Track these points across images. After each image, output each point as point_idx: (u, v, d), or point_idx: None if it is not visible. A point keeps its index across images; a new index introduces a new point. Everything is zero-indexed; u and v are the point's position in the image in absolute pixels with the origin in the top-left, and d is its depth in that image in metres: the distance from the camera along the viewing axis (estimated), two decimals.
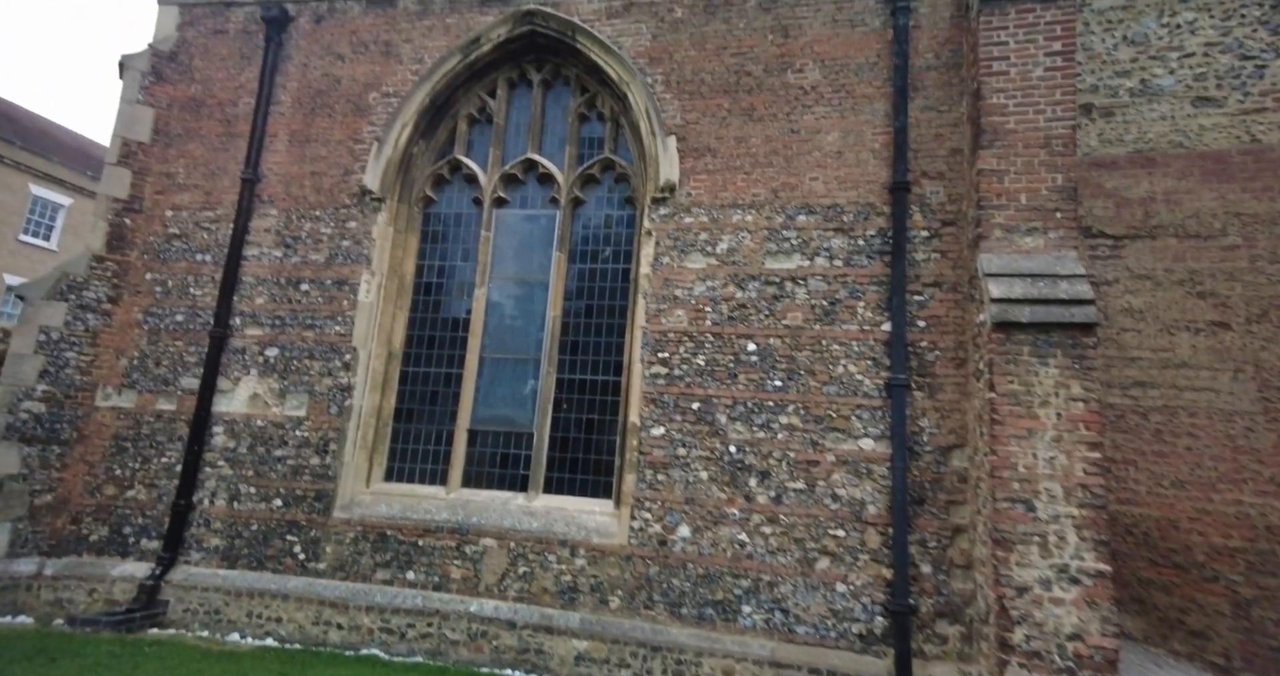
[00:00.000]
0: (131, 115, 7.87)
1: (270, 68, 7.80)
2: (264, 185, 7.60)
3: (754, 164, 6.25)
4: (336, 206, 7.39)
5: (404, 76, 7.50)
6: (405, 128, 7.37)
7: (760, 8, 6.44)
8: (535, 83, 7.50)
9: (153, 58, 8.08)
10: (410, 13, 7.64)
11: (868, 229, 5.88)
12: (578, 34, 7.02)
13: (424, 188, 7.61)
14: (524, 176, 7.46)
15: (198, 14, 8.29)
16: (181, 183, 7.80)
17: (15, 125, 22.25)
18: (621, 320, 6.88)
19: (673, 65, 6.66)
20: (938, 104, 5.78)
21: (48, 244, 21.63)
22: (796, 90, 6.22)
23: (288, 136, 7.68)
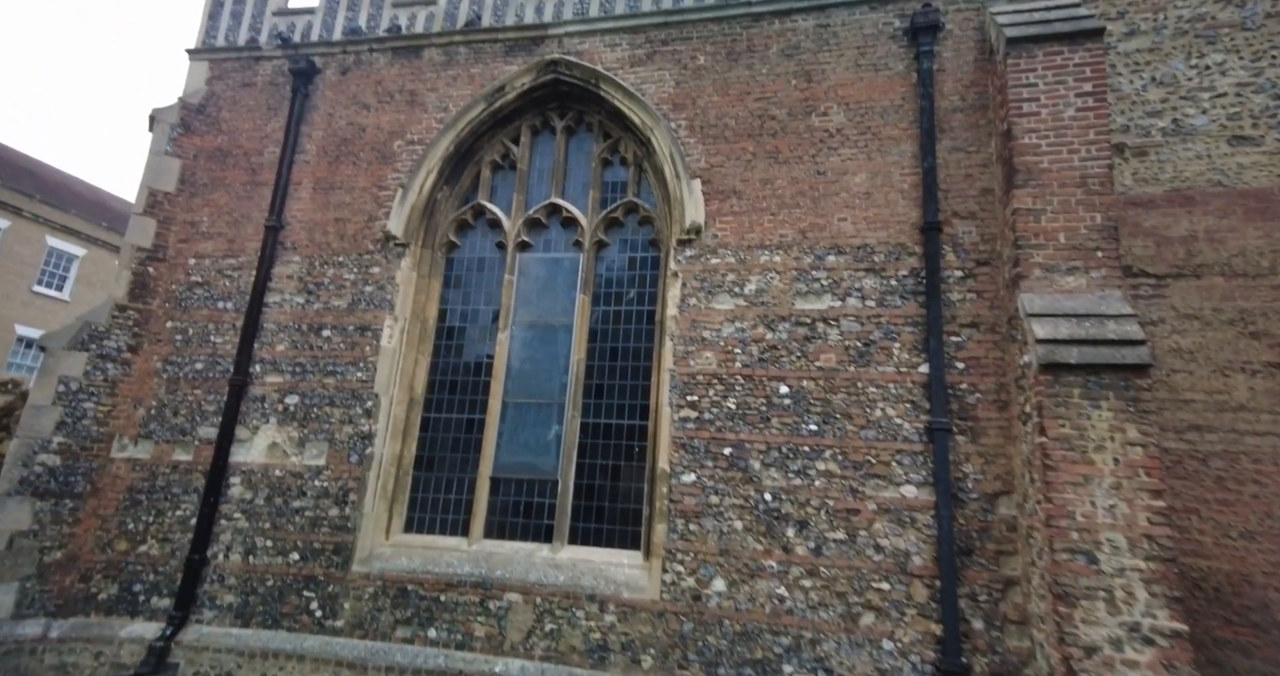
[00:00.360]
0: (159, 166, 8.01)
1: (297, 117, 7.97)
2: (287, 232, 7.66)
3: (780, 205, 6.26)
4: (360, 252, 7.43)
5: (429, 124, 7.64)
6: (430, 174, 7.46)
7: (783, 54, 6.57)
8: (558, 129, 7.62)
9: (182, 111, 8.28)
10: (435, 63, 7.84)
11: (900, 269, 5.84)
12: (601, 82, 7.16)
13: (447, 233, 7.65)
14: (547, 220, 7.50)
15: (227, 68, 8.54)
16: (205, 231, 7.87)
17: (35, 178, 22.80)
18: (647, 363, 6.79)
19: (696, 110, 6.76)
20: (966, 145, 5.81)
21: (60, 294, 21.82)
22: (821, 133, 6.28)
23: (312, 184, 7.78)
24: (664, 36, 7.06)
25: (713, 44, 6.85)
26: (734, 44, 6.77)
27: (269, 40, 8.47)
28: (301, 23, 8.48)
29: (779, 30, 6.63)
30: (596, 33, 7.31)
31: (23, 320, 20.76)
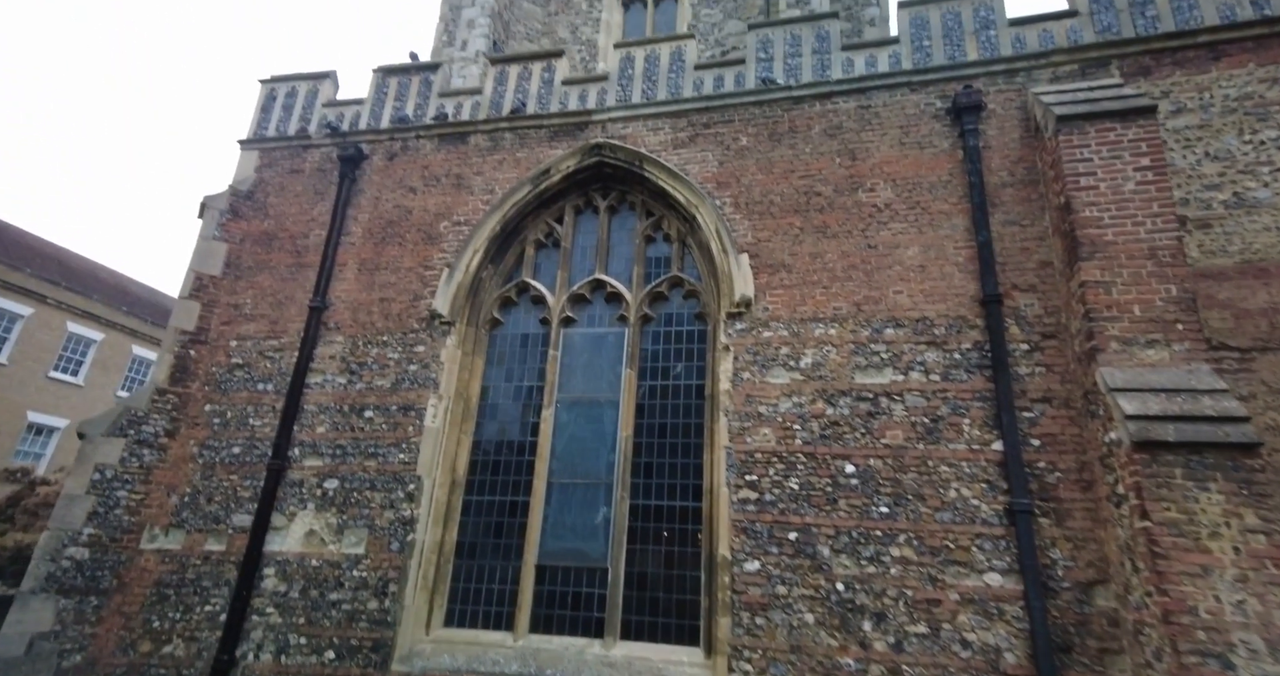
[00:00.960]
0: (207, 250, 8.19)
1: (344, 201, 8.20)
2: (331, 312, 7.71)
3: (832, 278, 6.26)
4: (405, 331, 7.43)
5: (475, 206, 7.84)
6: (476, 253, 7.58)
7: (825, 134, 6.78)
8: (601, 208, 7.79)
9: (231, 197, 8.56)
10: (481, 148, 8.14)
11: (962, 342, 5.75)
12: (645, 163, 7.38)
13: (491, 310, 7.68)
14: (591, 296, 7.53)
15: (276, 156, 8.89)
16: (248, 313, 7.94)
17: (61, 266, 23.34)
18: (698, 440, 6.60)
19: (740, 188, 6.91)
20: (1019, 219, 5.85)
21: (75, 379, 21.68)
22: (870, 208, 6.37)
23: (357, 265, 7.91)
24: (705, 120, 7.33)
25: (755, 126, 7.09)
26: (776, 125, 7.01)
27: (318, 129, 8.86)
28: (350, 112, 8.89)
29: (820, 112, 6.88)
30: (639, 118, 7.60)
31: (36, 406, 20.58)
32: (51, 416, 20.74)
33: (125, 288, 26.64)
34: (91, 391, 21.78)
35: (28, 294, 20.26)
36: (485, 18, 12.65)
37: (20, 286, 19.97)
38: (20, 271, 20.12)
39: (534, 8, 13.74)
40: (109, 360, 22.53)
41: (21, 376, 20.24)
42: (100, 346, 22.41)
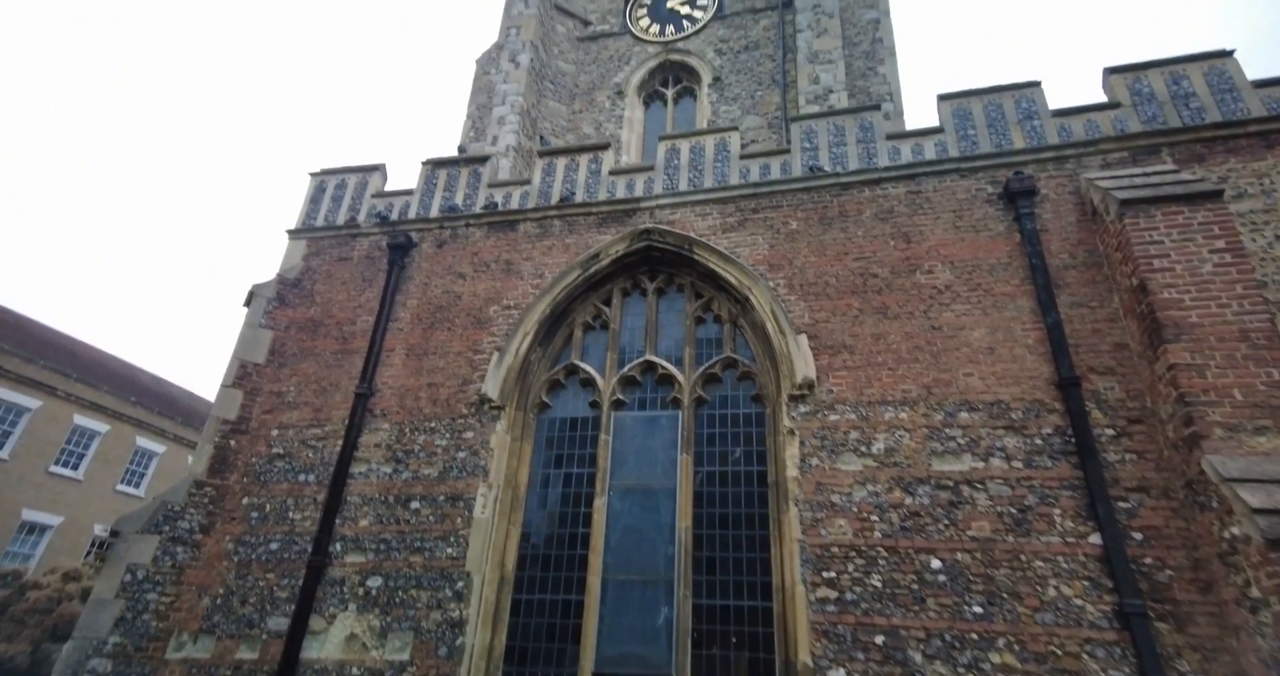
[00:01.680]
0: (253, 338, 8.19)
1: (393, 287, 8.29)
2: (377, 399, 7.60)
3: (898, 360, 6.16)
4: (453, 417, 7.28)
5: (524, 290, 7.89)
6: (526, 337, 7.55)
7: (877, 218, 6.91)
8: (650, 290, 7.83)
9: (279, 285, 8.67)
10: (530, 235, 8.31)
11: (1042, 427, 5.55)
12: (694, 247, 7.49)
13: (540, 394, 7.55)
14: (641, 378, 7.42)
15: (324, 244, 9.09)
16: (291, 401, 7.83)
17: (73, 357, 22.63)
18: (763, 532, 6.27)
19: (793, 270, 6.96)
20: (1086, 300, 5.82)
21: (75, 474, 20.56)
22: (930, 290, 6.37)
23: (405, 350, 7.87)
24: (754, 205, 7.50)
25: (804, 210, 7.25)
26: (825, 210, 7.15)
27: (367, 219, 9.10)
28: (399, 202, 9.17)
29: (870, 197, 7.04)
30: (687, 204, 7.80)
31: (31, 503, 19.47)
32: (46, 514, 19.70)
33: (134, 377, 26.12)
34: (90, 486, 20.85)
35: (38, 386, 19.83)
36: (515, 115, 13.31)
37: (32, 379, 19.67)
38: (34, 364, 19.88)
39: (559, 106, 14.49)
40: (111, 452, 21.70)
41: (21, 472, 19.33)
42: (104, 438, 21.43)
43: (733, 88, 13.23)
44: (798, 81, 11.86)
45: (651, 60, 14.03)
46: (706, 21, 13.90)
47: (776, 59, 13.11)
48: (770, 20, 13.57)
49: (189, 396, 29.07)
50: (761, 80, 13.11)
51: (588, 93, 14.38)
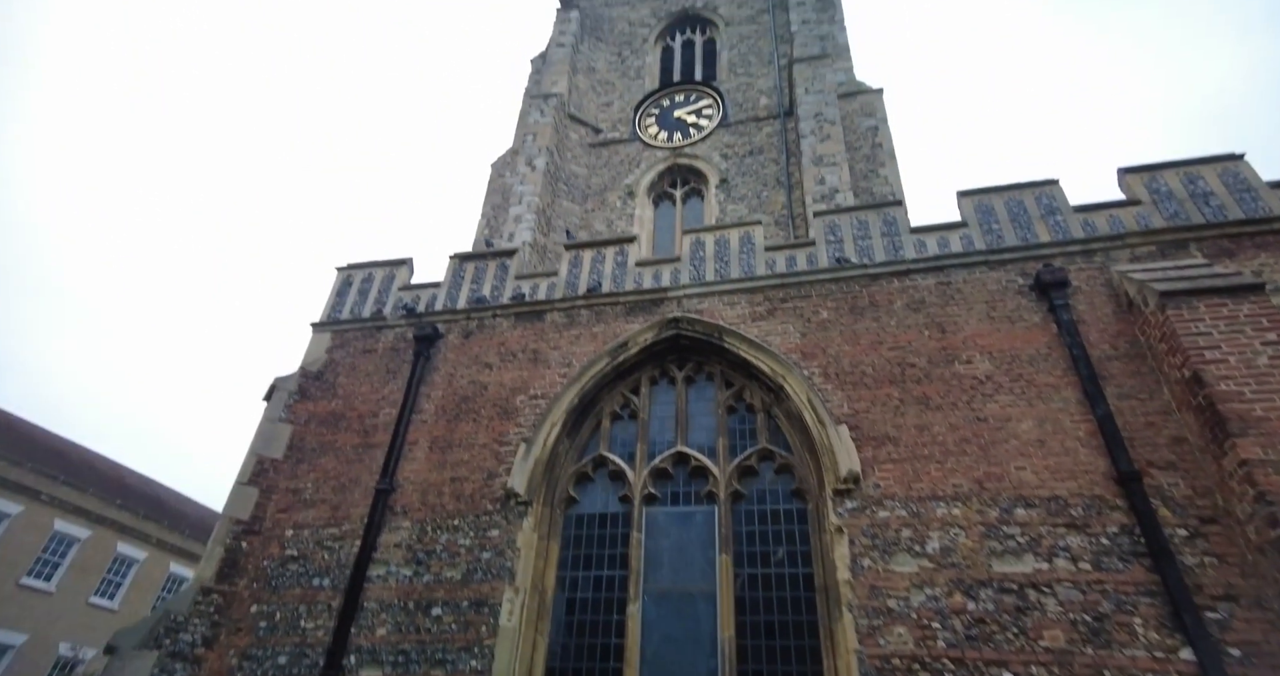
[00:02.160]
0: (271, 433, 7.99)
1: (418, 378, 8.20)
2: (398, 495, 7.30)
3: (945, 452, 5.98)
4: (477, 513, 6.96)
5: (552, 379, 7.81)
6: (554, 427, 7.37)
7: (909, 308, 6.96)
8: (679, 379, 7.76)
9: (301, 378, 8.58)
10: (558, 325, 8.34)
11: (1107, 525, 5.28)
12: (724, 335, 7.49)
13: (567, 488, 7.27)
14: (674, 470, 7.17)
15: (349, 337, 9.09)
16: (308, 498, 7.51)
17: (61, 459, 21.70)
18: (814, 641, 5.81)
19: (828, 359, 6.92)
20: (1134, 392, 5.73)
21: (47, 585, 19.03)
22: (970, 380, 6.30)
23: (428, 443, 7.66)
24: (782, 295, 7.59)
25: (834, 300, 7.32)
26: (855, 300, 7.23)
27: (393, 311, 9.16)
28: (426, 295, 9.28)
29: (899, 287, 7.13)
30: (714, 294, 7.89)
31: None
32: (9, 631, 18.10)
33: (122, 479, 24.99)
34: (61, 598, 19.40)
35: (22, 490, 18.79)
36: (531, 214, 13.83)
37: (16, 483, 18.70)
38: (20, 466, 19.01)
39: (572, 205, 15.07)
40: (89, 560, 20.32)
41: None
42: (83, 545, 20.10)
43: (739, 188, 13.82)
44: (803, 182, 12.38)
45: (660, 164, 14.74)
46: (712, 129, 14.74)
47: (780, 162, 13.80)
48: (773, 128, 14.41)
49: (177, 498, 27.70)
50: (766, 181, 13.73)
51: (599, 193, 15.00)
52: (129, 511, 21.91)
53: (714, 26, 17.27)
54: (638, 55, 17.25)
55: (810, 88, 13.70)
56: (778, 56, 15.71)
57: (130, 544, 21.84)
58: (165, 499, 26.49)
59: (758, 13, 16.96)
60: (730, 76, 15.76)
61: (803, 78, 13.81)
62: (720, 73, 15.98)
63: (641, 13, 18.17)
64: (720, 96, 15.18)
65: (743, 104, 15.16)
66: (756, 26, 16.75)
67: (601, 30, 17.99)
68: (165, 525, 23.10)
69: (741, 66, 16.01)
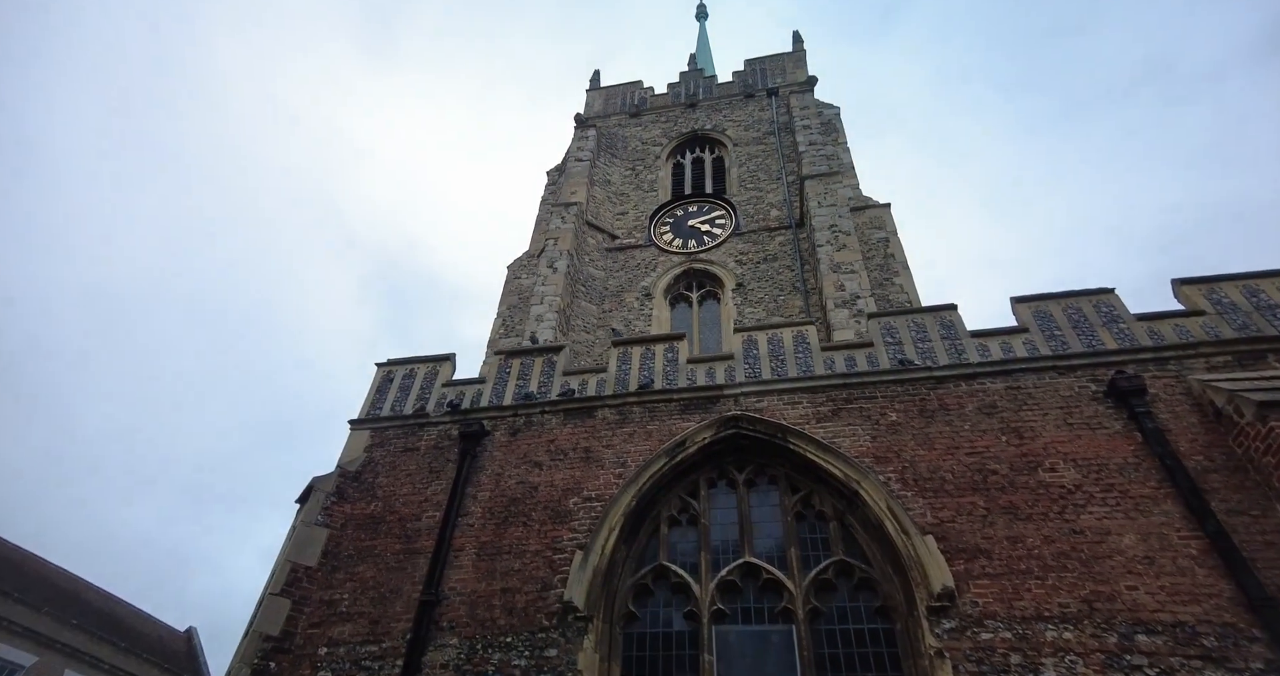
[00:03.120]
0: (306, 538, 7.43)
1: (463, 480, 7.79)
2: (445, 608, 6.68)
3: (1044, 567, 5.58)
4: (532, 630, 6.34)
5: (606, 480, 7.44)
6: (612, 532, 6.90)
7: (980, 412, 6.81)
8: (740, 482, 7.42)
9: (339, 479, 8.14)
10: (609, 422, 8.09)
11: (1249, 660, 4.83)
12: (789, 435, 7.25)
13: (626, 602, 6.70)
14: (742, 583, 6.66)
15: (389, 435, 8.74)
16: (344, 611, 6.86)
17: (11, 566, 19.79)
18: None
19: (903, 463, 6.65)
20: (1244, 508, 5.48)
21: None
22: (1058, 489, 6.03)
23: (475, 550, 7.14)
24: (846, 395, 7.45)
25: (900, 402, 7.18)
26: (924, 403, 7.09)
27: (436, 407, 8.89)
28: (470, 391, 9.04)
29: (968, 391, 7.03)
30: (773, 392, 7.74)
31: None
32: None
33: (79, 595, 22.13)
34: None
35: None
36: (552, 314, 14.02)
37: None
38: None
39: (590, 306, 15.32)
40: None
41: None
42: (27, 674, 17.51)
43: (755, 292, 14.14)
44: (822, 288, 12.64)
45: (676, 268, 15.17)
46: (725, 237, 15.34)
47: (795, 269, 14.24)
48: (784, 237, 15.00)
49: (136, 616, 24.50)
50: (782, 287, 14.08)
51: (616, 294, 15.30)
52: (84, 632, 19.43)
53: (722, 146, 18.45)
54: (650, 170, 18.26)
55: (823, 201, 14.39)
56: (785, 174, 16.65)
57: (79, 670, 19.16)
58: (123, 617, 23.57)
59: (764, 135, 18.18)
60: (741, 190, 16.61)
61: (814, 192, 14.53)
62: (731, 187, 16.87)
63: (653, 132, 19.45)
64: (732, 208, 15.91)
65: (753, 215, 15.88)
66: (763, 147, 17.87)
67: (616, 147, 19.16)
68: (121, 647, 20.49)
69: (751, 182, 16.92)
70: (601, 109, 20.59)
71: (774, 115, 18.39)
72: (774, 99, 18.86)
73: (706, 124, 19.03)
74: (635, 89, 21.08)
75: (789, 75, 19.74)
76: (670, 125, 19.40)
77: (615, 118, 20.06)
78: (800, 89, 18.89)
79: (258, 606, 6.88)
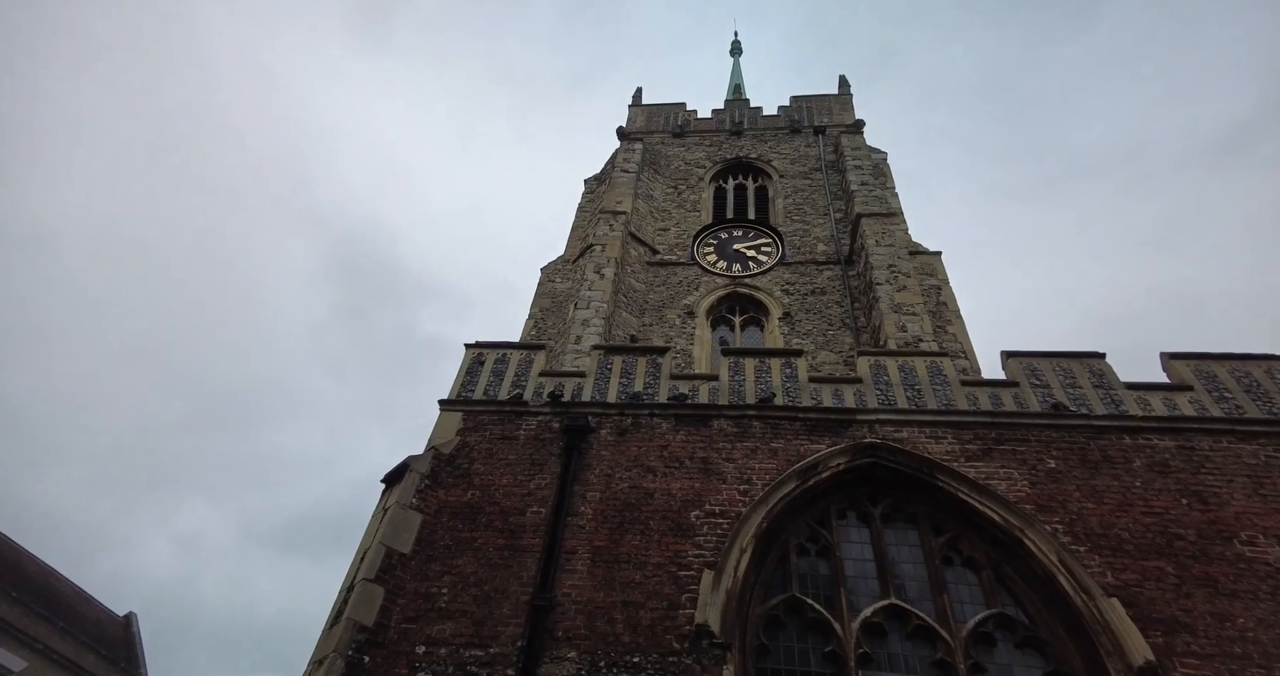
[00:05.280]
0: (401, 521, 6.56)
1: (570, 476, 7.04)
2: (559, 616, 5.85)
3: (1266, 655, 4.93)
4: (661, 652, 5.53)
5: (730, 496, 6.71)
6: (744, 554, 6.15)
7: (1151, 469, 6.23)
8: (876, 516, 6.73)
9: (434, 460, 7.33)
10: (727, 433, 7.39)
11: None
12: (937, 471, 6.60)
13: (758, 632, 5.93)
14: (887, 626, 5.93)
15: (483, 420, 7.95)
16: (443, 607, 5.99)
17: None
18: None
19: (1070, 515, 6.02)
20: None
21: None
22: (1264, 567, 5.41)
23: (590, 555, 6.34)
24: (995, 435, 6.84)
25: (1058, 449, 6.58)
26: (1085, 453, 6.49)
27: (534, 397, 8.15)
28: (570, 384, 8.31)
29: (1134, 445, 6.46)
30: (913, 423, 7.11)
31: None
32: None
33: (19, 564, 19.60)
34: None
35: None
36: (599, 319, 13.34)
37: None
38: None
39: (630, 317, 14.67)
40: None
41: None
42: None
43: (803, 323, 13.61)
44: (883, 327, 12.14)
45: (720, 290, 14.60)
46: (771, 265, 14.84)
47: (844, 305, 13.75)
48: (833, 272, 14.51)
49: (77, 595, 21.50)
50: (831, 322, 13.56)
51: (657, 309, 14.68)
52: (22, 606, 16.98)
53: (766, 176, 18.10)
54: (693, 190, 17.84)
55: (881, 240, 14.02)
56: (832, 210, 16.33)
57: (10, 648, 16.61)
58: (62, 594, 20.77)
59: (810, 170, 17.90)
60: (787, 221, 16.20)
61: (872, 231, 14.15)
62: (776, 216, 16.45)
63: (697, 155, 19.10)
64: (779, 237, 15.46)
65: (799, 247, 15.44)
66: (809, 181, 17.56)
67: (659, 164, 18.77)
68: (59, 627, 17.89)
69: (797, 214, 16.53)
70: (644, 125, 20.21)
71: (820, 152, 18.15)
72: (820, 137, 18.69)
73: (752, 152, 18.72)
74: (679, 110, 20.78)
75: (835, 116, 19.57)
76: (714, 149, 19.07)
77: (658, 135, 19.67)
78: (849, 130, 18.69)
79: (348, 593, 5.99)
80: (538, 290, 15.88)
